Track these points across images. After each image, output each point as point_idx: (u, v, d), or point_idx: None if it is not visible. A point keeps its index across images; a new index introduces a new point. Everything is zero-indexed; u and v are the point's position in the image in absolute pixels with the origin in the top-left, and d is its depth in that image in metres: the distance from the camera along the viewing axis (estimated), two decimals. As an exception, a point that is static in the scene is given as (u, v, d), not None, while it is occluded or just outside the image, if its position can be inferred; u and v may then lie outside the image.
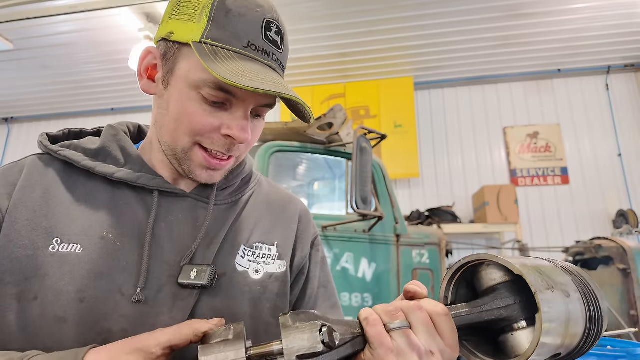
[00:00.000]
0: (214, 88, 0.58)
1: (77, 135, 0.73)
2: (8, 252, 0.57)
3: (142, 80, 0.66)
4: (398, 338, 0.46)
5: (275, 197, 0.80)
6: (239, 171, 0.75)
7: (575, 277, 0.52)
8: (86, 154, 0.66)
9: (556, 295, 0.48)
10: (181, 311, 0.59)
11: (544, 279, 0.48)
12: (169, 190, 0.66)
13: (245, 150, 0.67)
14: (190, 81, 0.59)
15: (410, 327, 0.48)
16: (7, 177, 0.63)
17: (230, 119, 0.60)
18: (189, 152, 0.63)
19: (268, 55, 0.61)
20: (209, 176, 0.65)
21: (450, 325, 0.48)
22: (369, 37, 4.56)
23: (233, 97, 0.59)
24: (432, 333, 0.47)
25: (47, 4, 3.90)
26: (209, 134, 0.61)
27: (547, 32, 4.52)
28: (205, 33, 0.58)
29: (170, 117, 0.62)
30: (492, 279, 0.53)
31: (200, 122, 0.60)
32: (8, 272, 0.56)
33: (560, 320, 0.47)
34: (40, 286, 0.55)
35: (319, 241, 0.83)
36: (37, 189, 0.62)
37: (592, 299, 0.50)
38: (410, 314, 0.48)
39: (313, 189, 3.16)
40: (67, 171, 0.65)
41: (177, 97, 0.61)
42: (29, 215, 0.59)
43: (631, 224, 4.54)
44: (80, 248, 0.58)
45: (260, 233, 0.72)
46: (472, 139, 5.38)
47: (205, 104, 0.59)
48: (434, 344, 0.46)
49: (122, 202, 0.64)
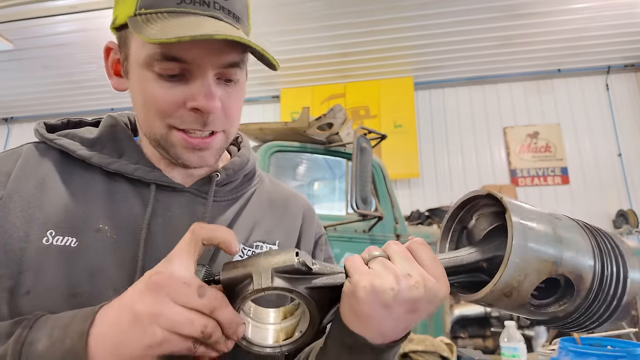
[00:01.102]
0: (162, 60, 0.54)
1: (76, 124, 0.71)
2: (2, 243, 0.55)
3: (112, 79, 0.65)
4: (374, 264, 0.46)
5: (278, 195, 0.78)
6: (242, 167, 0.72)
7: (581, 222, 0.50)
8: (83, 143, 0.64)
9: (534, 209, 0.46)
10: None
11: (525, 202, 0.47)
12: (166, 183, 0.64)
13: (227, 122, 0.62)
14: (141, 61, 0.56)
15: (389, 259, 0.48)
16: (2, 166, 0.61)
17: (191, 89, 0.56)
18: (167, 137, 0.60)
19: (207, 5, 0.56)
20: (198, 158, 0.61)
21: (428, 252, 0.47)
22: (369, 37, 4.57)
23: (186, 64, 0.55)
24: (409, 259, 0.47)
25: (47, 4, 3.90)
26: (176, 112, 0.58)
27: (547, 32, 4.52)
28: (137, 4, 0.55)
29: (139, 105, 0.60)
30: (481, 229, 0.52)
31: (162, 100, 0.57)
32: (2, 265, 0.54)
33: (539, 222, 0.45)
34: (33, 280, 0.54)
35: (323, 240, 0.80)
36: (32, 179, 0.60)
37: (599, 234, 0.47)
38: (387, 248, 0.49)
39: (313, 189, 3.16)
40: (63, 161, 0.63)
41: (137, 82, 0.58)
42: (23, 206, 0.58)
43: (631, 224, 4.54)
44: (75, 241, 0.56)
45: (262, 232, 0.70)
46: (472, 139, 5.38)
47: (163, 80, 0.56)
48: (412, 268, 0.45)
49: (119, 195, 0.62)
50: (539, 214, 0.46)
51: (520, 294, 0.44)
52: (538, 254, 0.43)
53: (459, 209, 0.54)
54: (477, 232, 0.53)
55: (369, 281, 0.44)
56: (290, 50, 4.79)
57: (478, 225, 0.53)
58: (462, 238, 0.56)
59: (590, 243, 0.46)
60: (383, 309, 0.44)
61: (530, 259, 0.43)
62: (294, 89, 5.66)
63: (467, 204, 0.53)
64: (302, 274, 0.47)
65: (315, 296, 0.47)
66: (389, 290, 0.43)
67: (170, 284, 0.42)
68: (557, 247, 0.44)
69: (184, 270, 0.44)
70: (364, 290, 0.44)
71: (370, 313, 0.45)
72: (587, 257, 0.45)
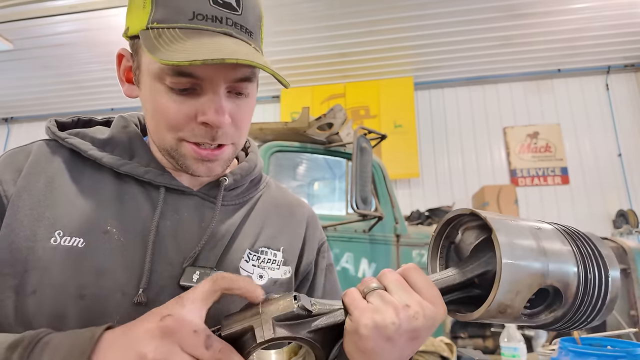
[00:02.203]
0: (173, 75, 0.54)
1: (86, 123, 0.71)
2: (8, 241, 0.55)
3: (124, 85, 0.65)
4: (372, 299, 0.46)
5: (284, 201, 0.78)
6: (249, 172, 0.73)
7: (559, 226, 0.52)
8: (94, 143, 0.64)
9: (517, 223, 0.48)
10: None
11: (507, 217, 0.49)
12: (175, 187, 0.64)
13: (236, 134, 0.62)
14: (152, 74, 0.56)
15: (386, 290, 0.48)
16: (14, 162, 0.61)
17: (202, 103, 0.56)
18: (178, 148, 0.60)
19: (220, 21, 0.55)
20: (206, 169, 0.62)
21: (422, 277, 0.48)
22: (369, 37, 4.57)
23: (197, 79, 0.55)
24: (405, 289, 0.47)
25: (47, 4, 3.90)
26: (187, 126, 0.58)
27: (547, 32, 4.52)
28: (150, 17, 0.54)
29: (149, 116, 0.61)
30: (469, 244, 0.53)
31: (173, 114, 0.57)
32: (7, 263, 0.54)
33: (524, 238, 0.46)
34: (39, 280, 0.54)
35: (325, 247, 0.81)
36: (42, 177, 0.60)
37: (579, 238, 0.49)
38: (382, 277, 0.49)
39: (313, 189, 3.16)
40: (73, 160, 0.63)
41: (148, 94, 0.59)
42: (32, 204, 0.57)
43: (631, 224, 4.54)
44: (83, 242, 0.56)
45: (267, 237, 0.70)
46: (472, 139, 5.38)
47: (174, 93, 0.56)
48: (408, 298, 0.46)
49: (128, 196, 0.62)
50: (521, 228, 0.48)
51: (514, 309, 0.46)
52: (527, 269, 0.45)
53: (445, 226, 0.56)
54: (465, 246, 0.54)
55: (370, 318, 0.44)
56: (290, 50, 4.79)
57: (465, 239, 0.54)
58: (450, 253, 0.57)
59: (572, 250, 0.48)
60: (386, 342, 0.45)
61: (520, 276, 0.45)
62: (293, 89, 5.66)
63: (452, 221, 0.55)
64: (302, 318, 0.47)
65: (318, 338, 0.47)
66: (391, 324, 0.44)
67: (181, 330, 0.41)
68: (543, 260, 0.46)
69: (195, 318, 0.43)
70: (367, 328, 0.44)
71: (374, 348, 0.45)
72: (571, 264, 0.47)
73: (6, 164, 0.61)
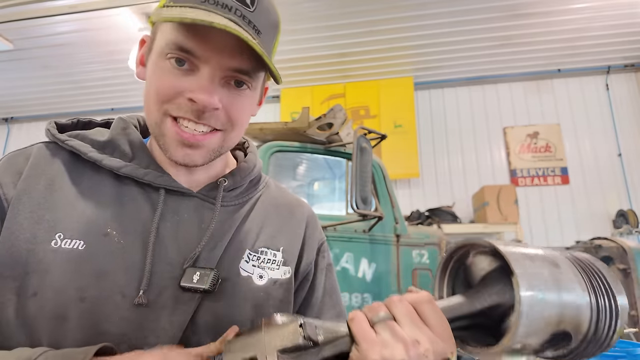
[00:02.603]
0: (174, 48, 0.56)
1: (85, 125, 0.72)
2: (8, 244, 0.55)
3: (138, 68, 0.67)
4: (381, 330, 0.45)
5: (283, 201, 0.79)
6: (248, 172, 0.73)
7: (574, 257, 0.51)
8: (94, 145, 0.64)
9: (537, 263, 0.47)
10: (182, 315, 0.58)
11: (523, 252, 0.48)
12: (175, 188, 0.64)
13: (227, 123, 0.62)
14: (160, 50, 0.59)
15: (395, 320, 0.46)
16: (14, 165, 0.62)
17: (193, 81, 0.57)
18: (161, 125, 0.60)
19: (229, 9, 0.55)
20: (185, 155, 0.61)
21: (435, 312, 0.47)
22: (369, 37, 4.56)
23: (195, 57, 0.56)
24: (416, 322, 0.46)
25: (47, 4, 3.90)
26: (174, 99, 0.58)
27: (547, 32, 4.52)
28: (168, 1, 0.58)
29: (146, 89, 0.62)
30: (481, 269, 0.52)
31: (165, 85, 0.58)
32: (7, 266, 0.54)
33: (545, 288, 0.45)
34: (40, 282, 0.54)
35: (325, 247, 0.81)
36: (42, 180, 0.60)
37: (594, 274, 0.49)
38: (392, 306, 0.47)
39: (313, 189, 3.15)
40: (73, 162, 0.64)
41: (151, 69, 0.61)
42: (32, 206, 0.58)
43: (631, 224, 4.54)
44: (83, 244, 0.56)
45: (266, 237, 0.70)
46: (472, 139, 5.38)
47: (174, 69, 0.58)
48: (419, 333, 0.44)
49: (128, 198, 0.62)
50: (544, 273, 0.47)
51: (522, 352, 0.46)
52: (544, 318, 0.45)
53: (459, 249, 0.55)
54: (476, 270, 0.53)
55: (378, 353, 0.43)
56: (290, 50, 4.79)
57: (477, 263, 0.53)
58: (459, 275, 0.57)
59: (588, 295, 0.48)
60: None
61: (536, 326, 0.45)
62: (294, 89, 5.66)
63: (466, 246, 0.54)
64: (307, 349, 0.45)
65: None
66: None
67: None
68: (560, 307, 0.46)
69: None
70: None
71: None
72: (585, 310, 0.47)
73: (6, 167, 0.61)
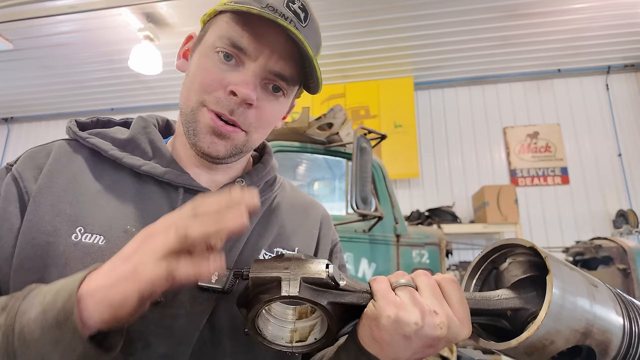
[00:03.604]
0: (227, 43, 0.59)
1: (105, 124, 0.73)
2: (30, 237, 0.55)
3: (179, 60, 0.70)
4: (401, 293, 0.46)
5: (298, 202, 0.80)
6: (264, 173, 0.74)
7: (614, 288, 0.50)
8: (114, 143, 0.65)
9: (575, 273, 0.46)
10: (199, 315, 0.58)
11: (564, 260, 0.47)
12: (194, 187, 0.65)
13: (253, 124, 0.63)
14: (210, 43, 0.61)
15: (417, 289, 0.47)
16: (34, 160, 0.62)
17: (236, 75, 0.60)
18: (196, 111, 0.62)
19: (285, 18, 0.59)
20: (211, 142, 0.62)
21: (458, 292, 0.47)
22: (369, 37, 4.56)
23: (244, 54, 0.60)
24: (437, 295, 0.46)
25: (47, 4, 3.90)
26: (214, 92, 0.60)
27: (547, 32, 4.52)
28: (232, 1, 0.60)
29: (188, 79, 0.64)
30: (513, 275, 0.52)
31: (210, 76, 0.60)
32: (28, 258, 0.54)
33: (578, 293, 0.44)
34: (59, 275, 0.53)
35: (338, 248, 0.82)
36: (64, 175, 0.61)
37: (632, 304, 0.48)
38: (416, 277, 0.48)
39: (313, 189, 3.15)
40: (94, 159, 0.64)
41: (197, 60, 0.63)
42: (53, 200, 0.58)
43: (631, 224, 4.54)
44: (103, 240, 0.57)
45: (282, 238, 0.71)
46: (472, 139, 5.38)
47: (220, 62, 0.60)
48: (439, 306, 0.45)
49: (147, 196, 0.63)
50: (579, 281, 0.46)
51: (542, 356, 0.44)
52: (571, 323, 0.44)
53: (495, 251, 0.54)
54: (508, 276, 0.53)
55: (394, 311, 0.44)
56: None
57: (510, 269, 0.53)
58: (489, 278, 0.56)
59: (622, 319, 0.46)
60: (403, 340, 0.44)
61: (562, 327, 0.43)
62: (294, 89, 5.65)
63: (504, 248, 0.53)
64: (328, 288, 0.47)
65: (337, 311, 0.47)
66: (413, 324, 0.43)
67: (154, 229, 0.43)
68: (590, 320, 0.44)
69: None
70: (388, 320, 0.44)
71: (389, 341, 0.45)
72: (616, 333, 0.45)
73: (27, 162, 0.62)
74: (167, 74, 5.01)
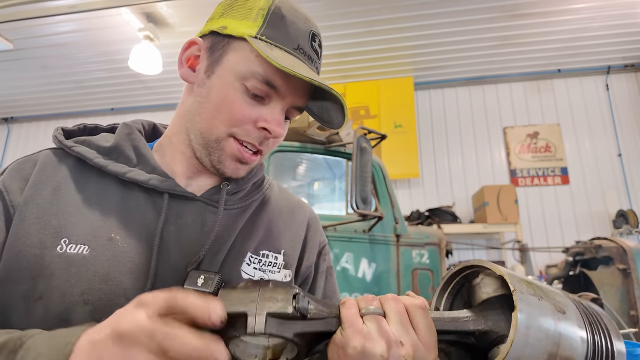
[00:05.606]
0: (260, 80, 0.61)
1: (92, 130, 0.73)
2: (16, 250, 0.56)
3: (182, 68, 0.69)
4: (369, 322, 0.46)
5: (285, 203, 0.80)
6: (250, 175, 0.74)
7: (583, 307, 0.51)
8: (99, 151, 0.66)
9: (544, 304, 0.47)
10: None
11: (532, 288, 0.48)
12: (179, 193, 0.65)
13: (272, 147, 0.69)
14: (237, 71, 0.62)
15: (385, 316, 0.47)
16: (21, 171, 0.63)
17: (267, 112, 0.63)
18: (222, 142, 0.64)
19: (312, 61, 0.66)
20: (235, 168, 0.67)
21: (425, 320, 0.47)
22: (369, 37, 4.56)
23: (275, 92, 0.62)
24: (405, 324, 0.46)
25: (47, 4, 3.90)
26: (245, 126, 0.63)
27: (547, 32, 4.52)
28: (260, 30, 0.62)
29: (211, 104, 0.64)
30: (485, 292, 0.52)
31: (240, 111, 0.62)
32: (15, 270, 0.55)
33: (544, 329, 0.45)
34: (45, 286, 0.55)
35: (326, 250, 0.82)
36: (49, 185, 0.62)
37: (599, 329, 0.48)
38: (385, 303, 0.48)
39: (313, 189, 3.15)
40: (79, 168, 0.65)
41: (221, 86, 0.63)
42: (39, 212, 0.59)
43: (631, 224, 4.54)
44: (88, 249, 0.58)
45: (268, 240, 0.71)
46: (472, 139, 5.38)
47: (247, 95, 0.62)
48: (405, 336, 0.45)
49: (132, 203, 0.63)
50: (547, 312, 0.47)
51: None
52: (535, 353, 0.44)
53: (468, 268, 0.55)
54: (479, 292, 0.53)
55: (360, 342, 0.44)
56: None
57: (482, 285, 0.53)
58: (462, 290, 0.57)
59: (585, 329, 0.48)
60: None
61: (529, 352, 0.44)
62: (294, 89, 5.66)
63: (476, 267, 0.54)
64: (295, 319, 0.46)
65: (306, 337, 0.47)
66: (379, 356, 0.43)
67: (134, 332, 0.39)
68: (556, 342, 0.45)
69: None
70: (354, 350, 0.44)
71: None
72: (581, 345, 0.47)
73: (13, 173, 0.63)
74: (167, 74, 5.00)
